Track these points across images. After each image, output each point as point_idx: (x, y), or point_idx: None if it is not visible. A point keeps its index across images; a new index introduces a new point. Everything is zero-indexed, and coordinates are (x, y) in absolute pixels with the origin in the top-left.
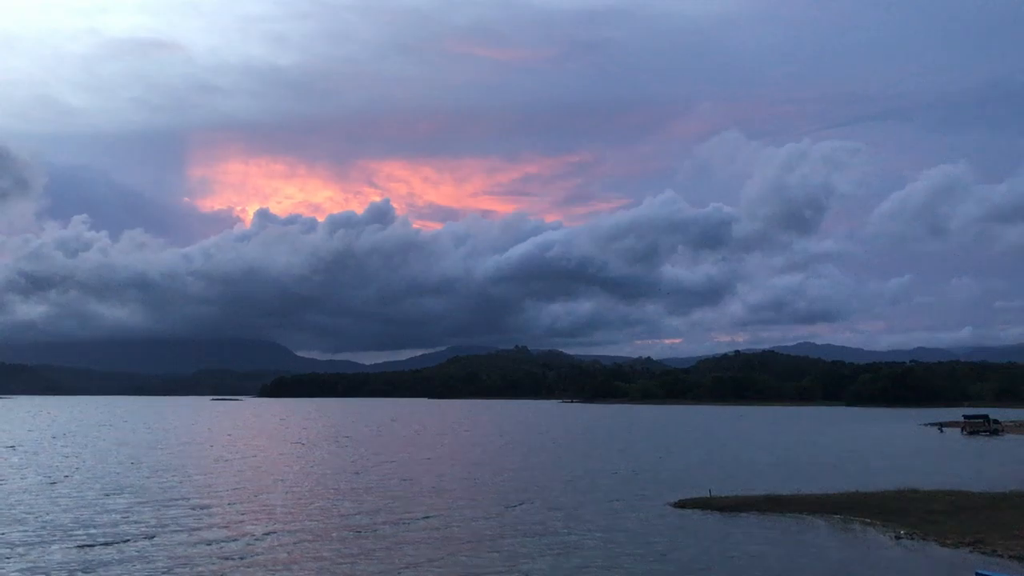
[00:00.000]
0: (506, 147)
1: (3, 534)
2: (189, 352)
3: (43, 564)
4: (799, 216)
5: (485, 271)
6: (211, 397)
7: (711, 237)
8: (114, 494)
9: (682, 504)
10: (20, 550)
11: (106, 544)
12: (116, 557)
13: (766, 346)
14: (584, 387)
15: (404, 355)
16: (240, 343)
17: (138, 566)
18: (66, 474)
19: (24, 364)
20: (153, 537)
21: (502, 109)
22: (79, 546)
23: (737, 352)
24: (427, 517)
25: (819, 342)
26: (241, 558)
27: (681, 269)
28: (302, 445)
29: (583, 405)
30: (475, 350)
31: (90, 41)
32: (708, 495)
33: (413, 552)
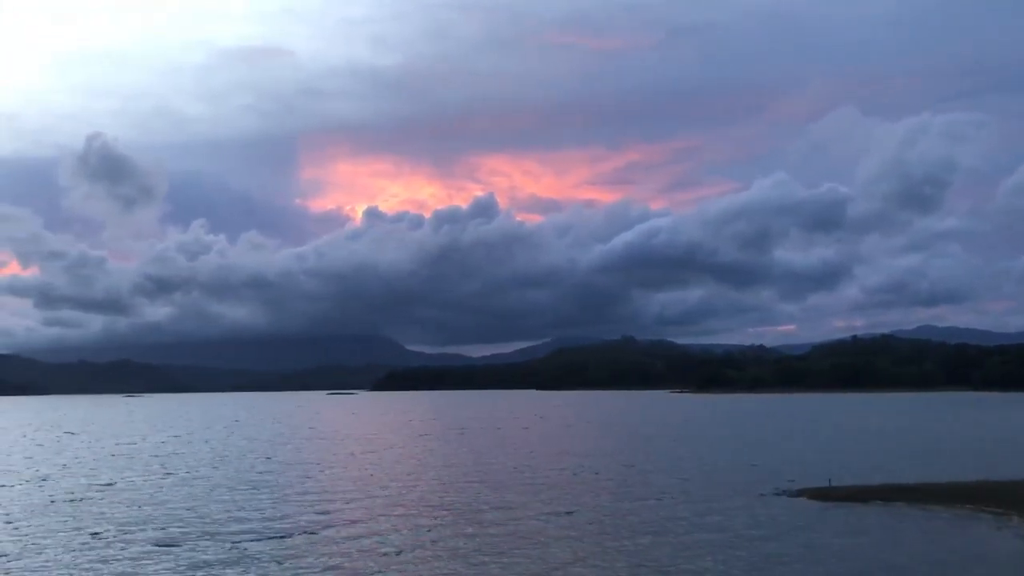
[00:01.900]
0: (607, 136)
1: (160, 530)
2: (304, 348)
3: (200, 561)
4: (919, 193)
5: (589, 261)
6: (326, 392)
7: (825, 219)
8: (255, 489)
9: (801, 494)
10: (176, 549)
11: (258, 540)
12: (270, 554)
13: (885, 330)
14: (693, 377)
15: (511, 347)
16: (352, 338)
17: (289, 564)
18: (208, 470)
19: (150, 364)
20: (309, 533)
21: (602, 98)
22: (233, 543)
23: (854, 337)
24: (570, 512)
25: (941, 325)
26: (398, 553)
27: (794, 253)
28: (432, 436)
29: (693, 395)
30: (581, 341)
31: (203, 52)
32: (828, 484)
33: (561, 547)
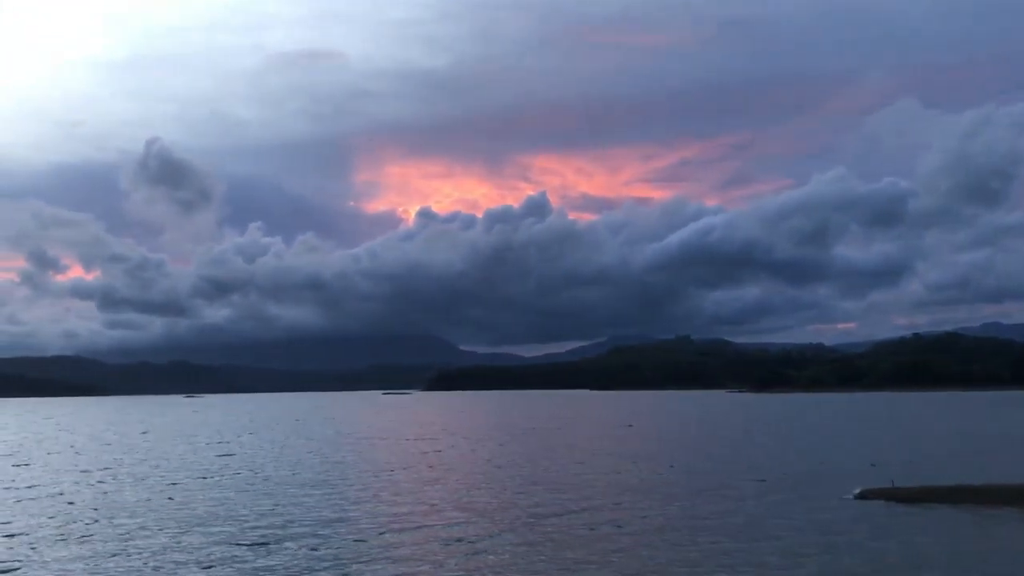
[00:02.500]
0: (659, 133)
1: (227, 530)
2: (358, 348)
3: (268, 564)
4: (984, 187)
5: (644, 259)
6: (381, 391)
7: (886, 214)
8: (318, 488)
9: (865, 495)
10: (243, 549)
11: (326, 540)
12: (339, 554)
13: (948, 328)
14: (750, 376)
15: (564, 347)
16: (405, 338)
17: (357, 567)
18: (272, 470)
19: (209, 365)
20: (377, 534)
21: (653, 95)
22: (300, 543)
23: (916, 335)
24: (644, 516)
25: (1008, 322)
26: (471, 555)
27: (854, 249)
28: (495, 438)
29: (750, 395)
30: (635, 340)
31: (256, 56)
32: (891, 485)
33: (631, 548)
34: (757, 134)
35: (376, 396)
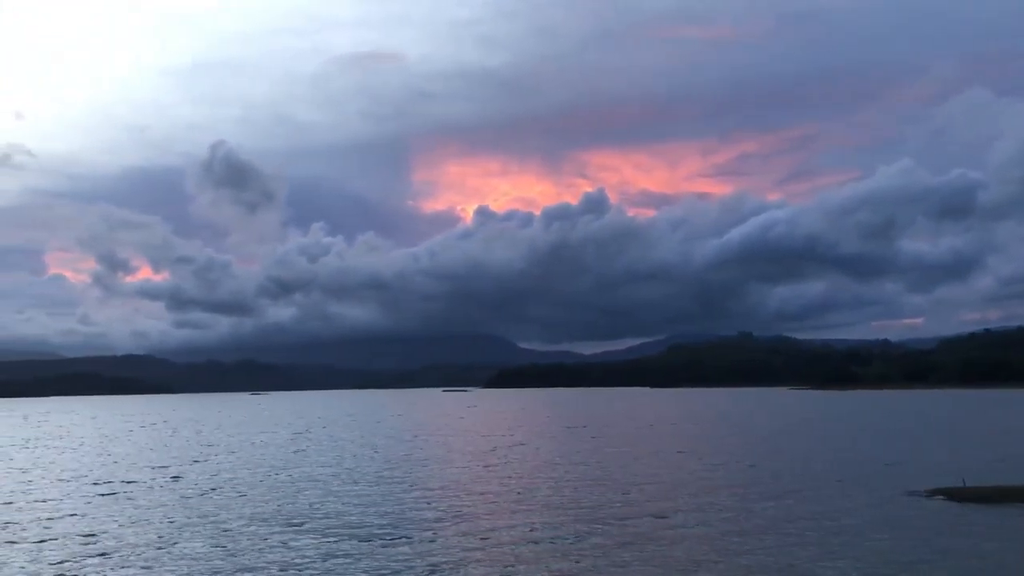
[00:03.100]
0: (719, 127)
1: (290, 525)
2: (418, 347)
3: (334, 558)
4: None
5: (704, 255)
6: (442, 389)
7: (955, 206)
8: (382, 484)
9: (935, 494)
10: (306, 544)
11: (391, 536)
12: (403, 551)
13: (1021, 323)
14: (814, 373)
15: (623, 344)
16: (464, 337)
17: (420, 561)
18: (337, 466)
19: (274, 363)
20: (442, 530)
21: (712, 89)
22: (363, 539)
23: (987, 330)
24: (702, 510)
25: None
26: (535, 553)
27: (921, 243)
28: (555, 435)
29: (814, 392)
30: (696, 338)
31: (318, 59)
32: (962, 484)
33: (694, 548)
34: (820, 126)
35: (436, 394)
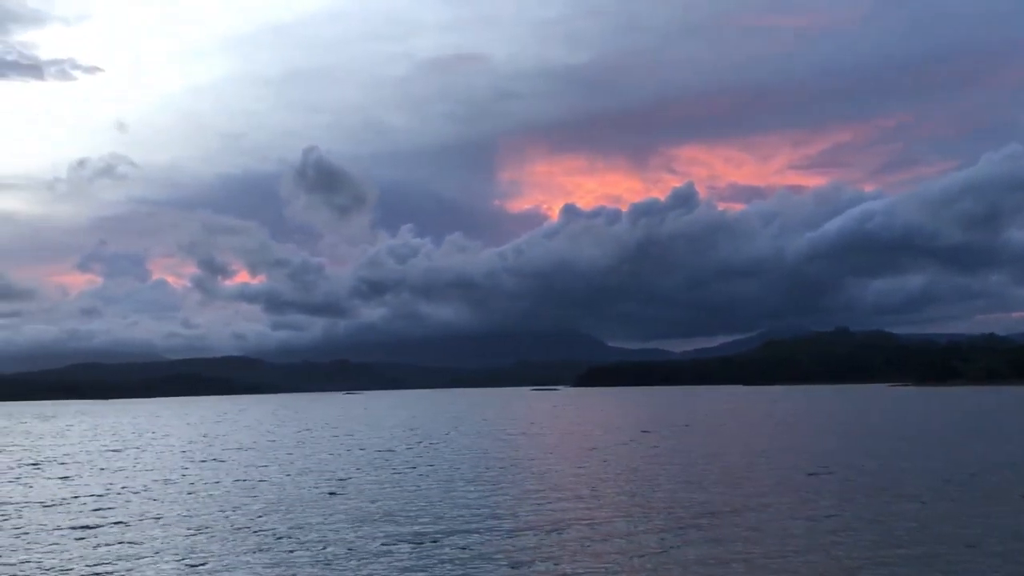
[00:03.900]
0: (811, 117)
1: (395, 526)
2: (506, 345)
3: (435, 560)
4: None
5: (798, 249)
6: (530, 387)
7: None
8: (480, 485)
9: None
10: (409, 546)
11: (495, 538)
12: (509, 554)
13: None
14: (914, 369)
15: (715, 341)
16: (553, 335)
17: (527, 567)
18: (433, 467)
19: (368, 362)
20: (545, 532)
21: (802, 78)
22: (467, 540)
23: None
24: (814, 518)
25: None
26: (642, 556)
27: None
28: (651, 433)
29: (916, 389)
30: (790, 333)
31: (404, 64)
32: None
33: (817, 555)
34: (917, 114)
35: (525, 393)
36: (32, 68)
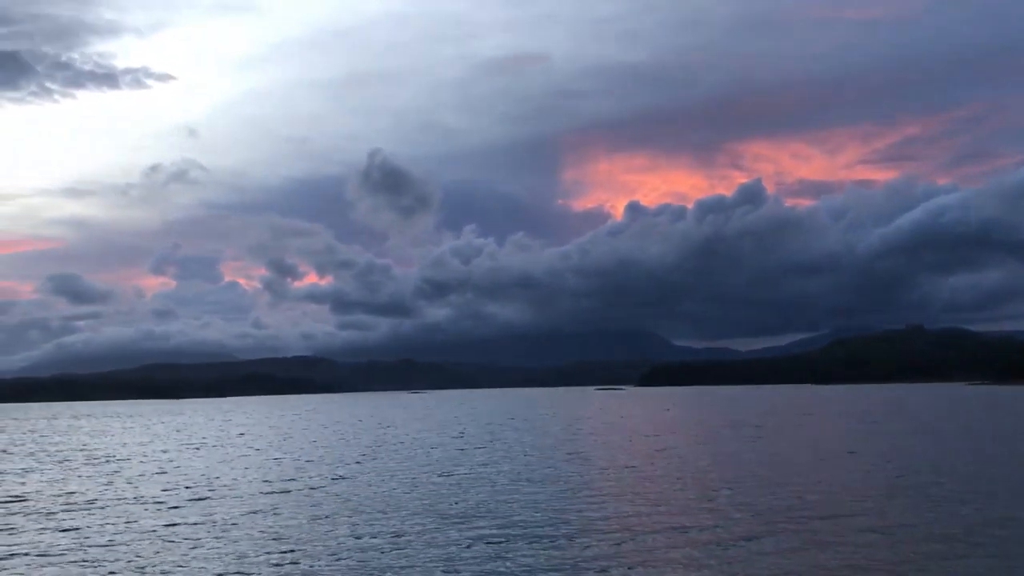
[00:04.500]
0: (880, 110)
1: (463, 524)
2: (570, 344)
3: (506, 559)
4: None
5: (869, 245)
6: (595, 387)
7: None
8: (549, 484)
9: None
10: (479, 545)
11: (567, 538)
12: (578, 555)
13: None
14: (992, 367)
15: (784, 340)
16: (617, 334)
17: (600, 566)
18: (501, 466)
19: (434, 362)
20: (617, 533)
21: (870, 71)
22: (537, 539)
23: None
24: (903, 520)
25: None
26: (717, 559)
27: None
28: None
29: (994, 388)
30: (862, 331)
31: (464, 65)
32: None
33: (888, 556)
34: (992, 104)
35: (590, 392)
36: (108, 77)
